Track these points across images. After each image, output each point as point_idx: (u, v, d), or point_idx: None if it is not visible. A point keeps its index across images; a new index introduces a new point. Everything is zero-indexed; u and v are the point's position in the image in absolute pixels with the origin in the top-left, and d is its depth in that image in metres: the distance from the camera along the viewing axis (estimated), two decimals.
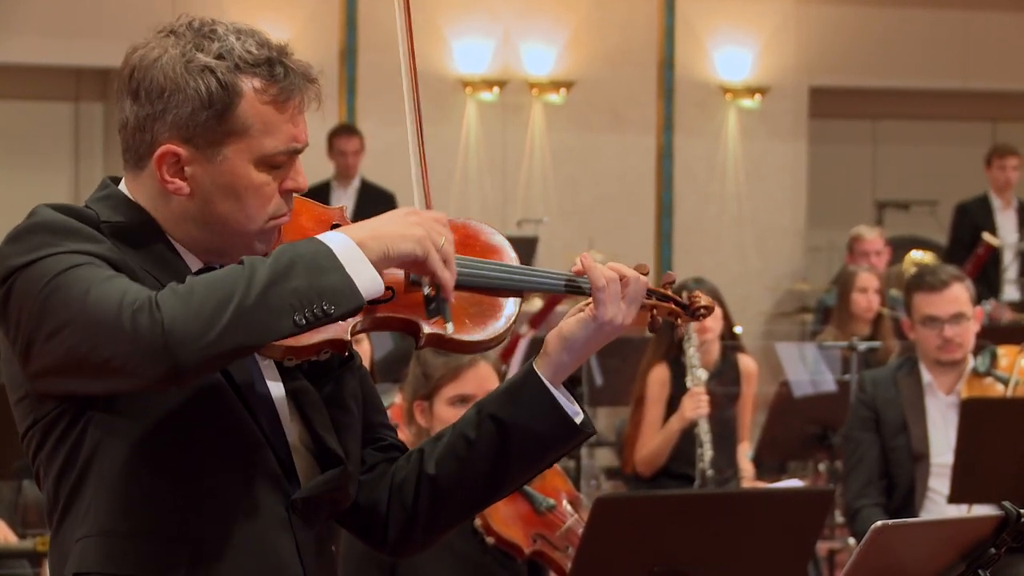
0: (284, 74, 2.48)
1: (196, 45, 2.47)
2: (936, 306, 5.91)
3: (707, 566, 3.68)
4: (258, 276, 2.31)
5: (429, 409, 4.37)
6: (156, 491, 2.47)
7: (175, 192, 2.51)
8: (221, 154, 2.48)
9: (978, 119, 14.12)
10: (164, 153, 2.49)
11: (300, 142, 2.52)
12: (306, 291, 2.32)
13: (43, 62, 11.49)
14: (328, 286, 2.33)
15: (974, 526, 3.24)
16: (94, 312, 2.31)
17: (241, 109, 2.47)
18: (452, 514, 2.72)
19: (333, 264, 2.34)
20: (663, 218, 12.76)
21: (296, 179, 2.53)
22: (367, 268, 2.37)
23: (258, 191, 2.50)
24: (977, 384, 5.97)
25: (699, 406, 6.80)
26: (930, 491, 5.91)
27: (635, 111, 12.64)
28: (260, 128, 2.48)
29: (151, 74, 2.48)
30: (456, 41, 12.19)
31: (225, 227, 2.51)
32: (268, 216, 2.52)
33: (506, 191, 12.43)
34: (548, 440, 2.64)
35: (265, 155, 2.48)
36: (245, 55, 2.47)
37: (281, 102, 2.48)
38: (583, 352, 2.65)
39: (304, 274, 2.32)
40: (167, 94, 2.46)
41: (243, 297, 2.29)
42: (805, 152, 13.11)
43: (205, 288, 2.31)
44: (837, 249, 12.39)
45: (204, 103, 2.45)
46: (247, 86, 2.47)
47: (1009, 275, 11.31)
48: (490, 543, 4.41)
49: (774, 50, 12.90)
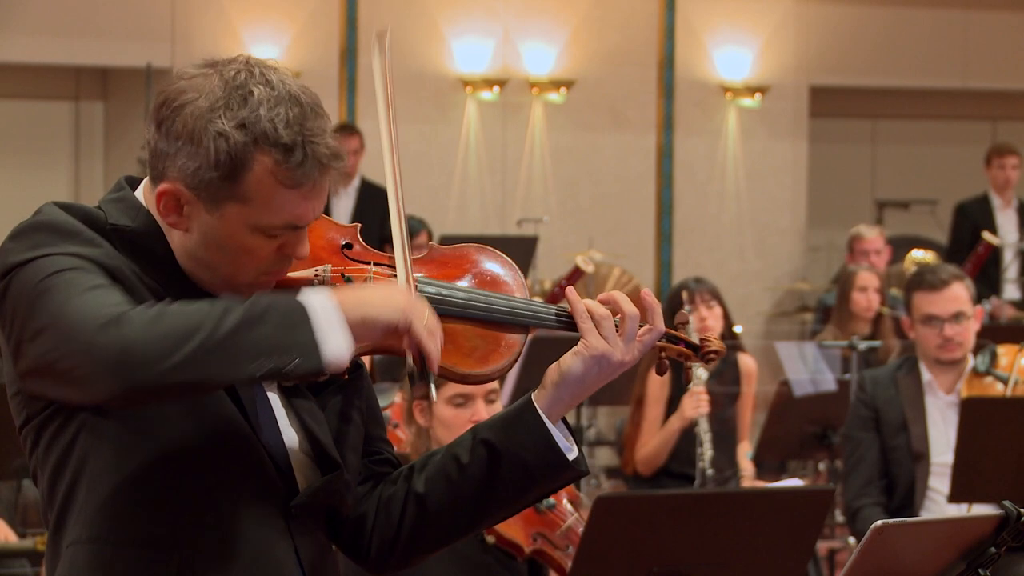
0: (301, 161, 2.44)
1: (226, 103, 2.44)
2: (936, 305, 5.91)
3: (707, 565, 3.68)
4: (230, 316, 2.29)
5: (429, 408, 4.37)
6: (146, 498, 2.46)
7: (173, 226, 2.50)
8: (219, 211, 2.46)
9: (978, 118, 14.12)
10: (166, 191, 2.47)
11: (303, 221, 2.49)
12: (271, 343, 2.29)
13: (43, 61, 11.48)
14: (293, 343, 2.30)
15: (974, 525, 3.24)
16: (69, 320, 2.30)
17: (248, 180, 2.43)
18: (435, 535, 2.70)
19: (305, 322, 2.31)
20: (663, 217, 12.76)
21: (296, 249, 2.51)
22: (339, 334, 2.33)
23: (250, 252, 2.48)
24: (977, 383, 5.97)
25: (699, 405, 6.80)
26: (930, 490, 5.91)
27: (635, 110, 12.64)
28: (262, 202, 2.44)
29: (175, 116, 2.46)
30: (456, 40, 12.19)
31: (215, 272, 2.51)
32: (258, 273, 2.51)
33: (506, 190, 12.42)
34: (537, 472, 2.62)
35: (262, 226, 2.46)
36: (268, 130, 2.43)
37: (289, 187, 2.45)
38: (582, 388, 2.62)
39: (274, 325, 2.30)
40: (182, 142, 2.44)
41: (210, 333, 2.27)
42: (805, 151, 13.11)
43: (175, 316, 2.29)
44: (837, 248, 12.40)
45: (212, 164, 2.43)
46: (259, 162, 2.43)
47: (1009, 274, 11.30)
48: (490, 542, 4.41)
49: (774, 49, 12.90)
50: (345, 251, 2.64)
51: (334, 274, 2.58)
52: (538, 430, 2.61)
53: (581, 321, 2.60)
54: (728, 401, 7.36)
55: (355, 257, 2.64)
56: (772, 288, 12.93)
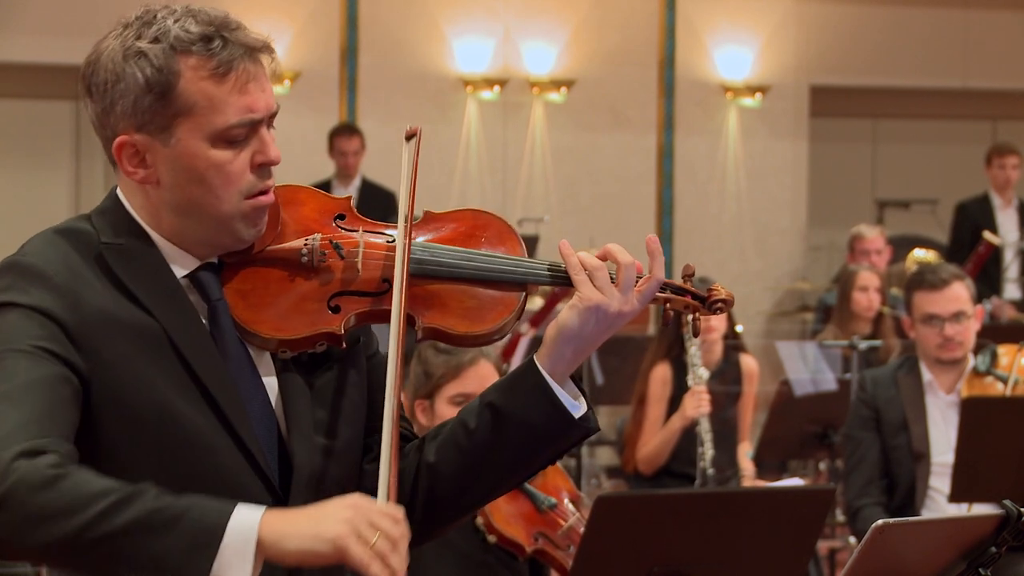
0: (221, 47, 2.45)
1: (136, 33, 2.46)
2: (936, 304, 5.91)
3: (708, 565, 3.68)
4: (124, 512, 2.20)
5: (431, 408, 4.38)
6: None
7: (143, 182, 2.50)
8: (174, 136, 2.46)
9: (978, 118, 14.12)
10: (120, 144, 2.49)
11: (256, 111, 2.48)
12: (162, 559, 2.19)
13: (43, 61, 11.49)
14: (183, 568, 2.19)
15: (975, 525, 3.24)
16: None
17: (181, 88, 2.44)
18: (451, 504, 2.68)
19: (210, 549, 2.20)
20: (663, 217, 12.76)
21: (265, 152, 2.50)
22: (242, 568, 2.20)
23: (220, 170, 2.47)
24: (977, 383, 5.97)
25: (700, 405, 6.80)
26: (931, 490, 5.91)
27: (635, 110, 12.65)
28: (205, 105, 2.45)
29: (95, 70, 2.49)
30: (457, 40, 12.19)
31: (201, 212, 2.49)
32: (241, 195, 2.49)
33: (506, 190, 12.42)
34: (543, 432, 2.60)
35: (217, 131, 2.46)
36: (181, 34, 2.45)
37: (221, 75, 2.45)
38: (582, 342, 2.59)
39: (175, 539, 2.20)
40: (110, 85, 2.47)
41: (87, 525, 2.19)
42: (806, 151, 13.11)
43: (64, 490, 2.21)
44: (837, 248, 12.39)
45: (144, 88, 2.45)
46: (184, 65, 2.44)
47: (1010, 274, 11.30)
48: (492, 542, 4.41)
49: (775, 49, 12.90)
50: (338, 221, 2.63)
51: (323, 242, 2.56)
52: (541, 389, 2.58)
53: (575, 273, 2.59)
54: (729, 401, 7.36)
55: (347, 227, 2.63)
56: (773, 288, 12.93)
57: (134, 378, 2.42)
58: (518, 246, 2.66)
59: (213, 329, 2.52)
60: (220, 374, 2.48)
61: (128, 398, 2.42)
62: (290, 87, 11.69)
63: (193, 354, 2.47)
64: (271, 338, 2.52)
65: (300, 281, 2.56)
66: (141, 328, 2.45)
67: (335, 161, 11.16)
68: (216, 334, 2.52)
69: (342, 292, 2.56)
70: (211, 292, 2.54)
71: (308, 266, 2.55)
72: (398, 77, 12.05)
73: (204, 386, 2.46)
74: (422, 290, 2.58)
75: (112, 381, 2.41)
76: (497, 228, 2.67)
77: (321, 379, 2.61)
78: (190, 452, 2.44)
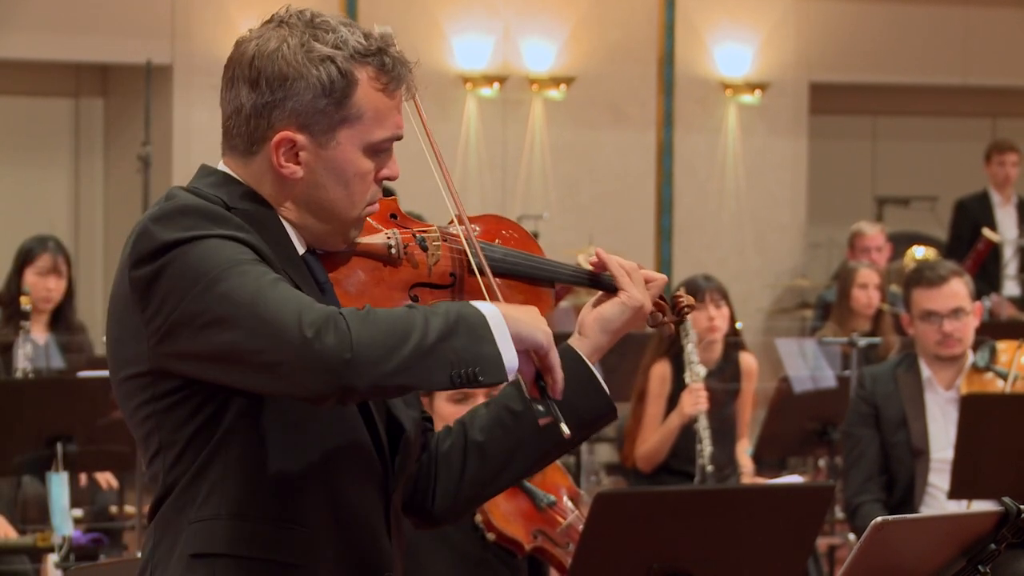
0: (392, 64, 2.61)
1: (313, 36, 2.57)
2: (935, 301, 5.91)
3: (707, 562, 3.68)
4: (433, 324, 2.42)
5: (429, 405, 4.38)
6: (284, 481, 2.56)
7: (289, 176, 2.60)
8: (335, 140, 2.58)
9: (978, 115, 14.12)
10: (282, 139, 2.58)
11: (402, 130, 2.65)
12: (465, 354, 2.42)
13: (43, 58, 11.48)
14: (484, 355, 2.43)
15: (974, 522, 3.24)
16: (270, 317, 2.39)
17: (357, 97, 2.58)
18: (496, 480, 2.84)
19: (488, 335, 2.44)
20: (663, 214, 12.76)
21: (392, 167, 2.66)
22: (510, 345, 2.46)
23: (363, 177, 2.62)
24: (977, 379, 5.97)
25: (698, 402, 6.81)
26: (930, 487, 5.91)
27: (635, 107, 12.64)
28: (372, 115, 2.60)
29: (270, 64, 2.57)
30: (456, 37, 12.19)
31: (331, 212, 2.61)
32: (366, 202, 2.64)
33: (506, 187, 12.42)
34: (585, 414, 2.75)
35: (373, 142, 2.61)
36: (359, 45, 2.58)
37: (391, 91, 2.61)
38: (617, 334, 2.79)
39: (466, 336, 2.43)
40: (289, 82, 2.56)
41: (421, 340, 2.40)
42: (805, 148, 13.11)
43: (385, 321, 2.41)
44: (837, 245, 12.40)
45: (325, 90, 2.56)
46: (363, 75, 2.58)
47: (1009, 271, 11.30)
48: (491, 539, 4.42)
49: (774, 46, 12.90)
50: (393, 220, 2.76)
51: (404, 235, 2.71)
52: (586, 375, 2.76)
53: (621, 276, 2.78)
54: (728, 398, 7.36)
55: (401, 224, 2.76)
56: (772, 285, 12.94)
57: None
58: (538, 248, 2.85)
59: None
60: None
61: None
62: None
63: None
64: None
65: (387, 272, 2.70)
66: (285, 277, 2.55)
67: None
68: None
69: (419, 284, 2.71)
70: (318, 274, 2.66)
71: (394, 259, 2.69)
72: None
73: None
74: (473, 282, 2.71)
75: None
76: (521, 234, 2.85)
77: None
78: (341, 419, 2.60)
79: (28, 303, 7.27)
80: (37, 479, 6.52)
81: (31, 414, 6.11)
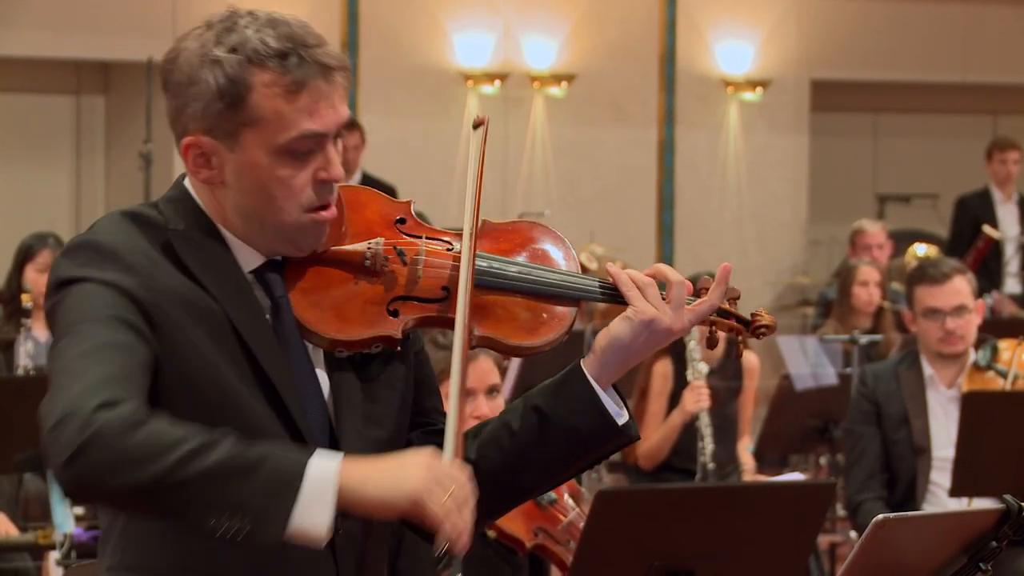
0: (297, 64, 2.48)
1: (216, 38, 2.49)
2: (938, 298, 5.92)
3: (708, 559, 3.68)
4: (208, 456, 2.24)
5: None
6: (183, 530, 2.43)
7: (207, 182, 2.54)
8: (239, 144, 2.49)
9: (979, 112, 14.12)
10: (188, 144, 2.52)
11: (318, 127, 2.50)
12: (243, 504, 2.24)
13: (44, 55, 11.48)
14: (268, 511, 2.25)
15: (975, 520, 3.24)
16: (56, 390, 2.32)
17: (252, 101, 2.47)
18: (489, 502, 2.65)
19: (291, 494, 2.25)
20: (664, 212, 12.76)
21: (328, 169, 2.52)
22: (322, 513, 2.26)
23: (282, 183, 2.50)
24: (978, 377, 5.97)
25: (700, 399, 6.81)
26: (931, 484, 5.91)
27: (636, 104, 12.64)
28: (273, 119, 2.48)
29: (173, 67, 2.52)
30: (457, 34, 12.18)
31: (263, 220, 2.53)
32: (302, 208, 2.52)
33: (507, 184, 12.42)
34: (587, 437, 2.64)
35: (279, 145, 2.48)
36: (258, 47, 2.47)
37: (293, 93, 2.47)
38: (629, 354, 2.64)
39: (257, 484, 2.25)
40: (185, 87, 2.50)
41: (172, 468, 2.23)
42: (806, 145, 13.11)
43: (150, 435, 2.25)
44: (838, 242, 12.39)
45: (215, 95, 2.47)
46: (258, 78, 2.47)
47: (1010, 268, 11.30)
48: (491, 537, 4.41)
49: (775, 43, 12.90)
50: (399, 225, 2.66)
51: (386, 247, 2.60)
52: (588, 396, 2.63)
53: (626, 289, 2.63)
54: (730, 396, 7.36)
55: (408, 232, 2.66)
56: (773, 282, 12.93)
57: (201, 360, 2.46)
58: (572, 260, 2.72)
59: (275, 324, 2.55)
60: (280, 365, 2.52)
61: (194, 379, 2.45)
62: None
63: (256, 344, 2.50)
64: (329, 338, 2.55)
65: (362, 284, 2.60)
66: (208, 313, 2.48)
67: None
68: (278, 329, 2.55)
69: (402, 297, 2.60)
70: (275, 289, 2.57)
71: (371, 270, 2.59)
72: (398, 72, 12.04)
73: (264, 376, 2.50)
74: (479, 300, 2.61)
75: (180, 361, 2.45)
76: (552, 241, 2.73)
77: (373, 374, 2.63)
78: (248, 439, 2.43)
79: (29, 300, 7.27)
80: (38, 476, 6.52)
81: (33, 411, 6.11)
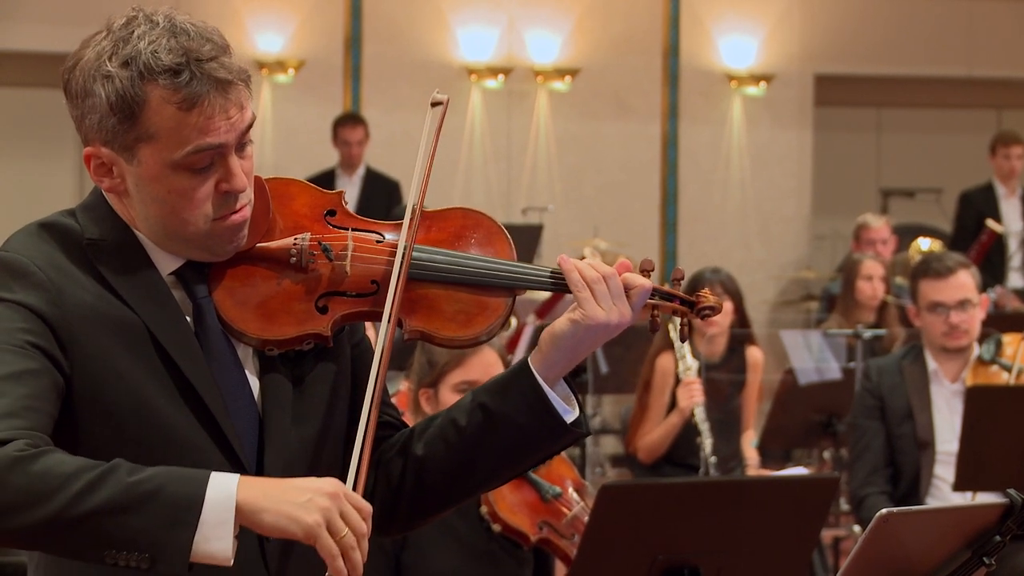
0: (189, 79, 2.41)
1: (112, 49, 2.43)
2: (942, 292, 5.91)
3: (712, 553, 3.68)
4: (101, 492, 2.20)
5: (435, 396, 4.37)
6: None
7: (110, 191, 2.50)
8: (136, 158, 2.45)
9: (983, 107, 14.10)
10: (87, 154, 2.50)
11: (214, 140, 2.43)
12: (139, 536, 2.20)
13: (47, 49, 11.46)
14: (168, 541, 2.21)
15: (979, 514, 3.23)
16: None
17: (147, 116, 2.42)
18: (436, 498, 2.67)
19: (189, 522, 2.21)
20: (668, 206, 12.76)
21: (229, 180, 2.46)
22: (223, 538, 2.23)
23: (182, 195, 2.45)
24: (982, 372, 5.97)
25: (693, 396, 6.80)
26: (935, 479, 5.91)
27: (640, 99, 12.64)
28: (168, 133, 2.42)
29: (71, 77, 2.47)
30: (461, 29, 12.18)
31: (170, 229, 2.49)
32: (208, 217, 2.47)
33: (511, 179, 12.42)
34: (533, 435, 2.60)
35: (175, 161, 2.43)
36: (150, 62, 2.41)
37: (185, 110, 2.41)
38: (577, 350, 2.58)
39: (153, 516, 2.21)
40: (82, 98, 2.46)
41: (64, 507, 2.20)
42: (810, 140, 13.11)
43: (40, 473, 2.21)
44: (842, 237, 12.39)
45: (108, 110, 2.43)
46: (152, 94, 2.41)
47: (1014, 263, 11.29)
48: (496, 530, 4.42)
49: (779, 38, 12.89)
50: (328, 218, 2.61)
51: (311, 242, 2.55)
52: (533, 393, 2.58)
53: (578, 291, 2.57)
54: (734, 390, 7.36)
55: (337, 224, 2.61)
56: (777, 277, 12.93)
57: (115, 374, 2.42)
58: (507, 248, 2.65)
59: (198, 327, 2.51)
60: (202, 371, 2.48)
61: (108, 393, 2.42)
62: (294, 76, 11.68)
63: (175, 351, 2.46)
64: (257, 337, 2.52)
65: (288, 281, 2.55)
66: (124, 324, 2.44)
67: (339, 150, 11.15)
68: (200, 332, 2.51)
69: (330, 293, 2.56)
70: (196, 290, 2.53)
71: (297, 266, 2.55)
72: (402, 66, 12.04)
73: (186, 383, 2.46)
74: (410, 292, 2.57)
75: (93, 376, 2.41)
76: (487, 229, 2.66)
77: (305, 370, 2.60)
78: (169, 449, 2.43)
79: None
80: None
81: None
